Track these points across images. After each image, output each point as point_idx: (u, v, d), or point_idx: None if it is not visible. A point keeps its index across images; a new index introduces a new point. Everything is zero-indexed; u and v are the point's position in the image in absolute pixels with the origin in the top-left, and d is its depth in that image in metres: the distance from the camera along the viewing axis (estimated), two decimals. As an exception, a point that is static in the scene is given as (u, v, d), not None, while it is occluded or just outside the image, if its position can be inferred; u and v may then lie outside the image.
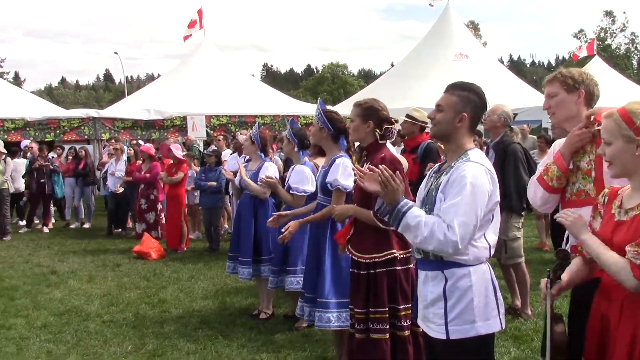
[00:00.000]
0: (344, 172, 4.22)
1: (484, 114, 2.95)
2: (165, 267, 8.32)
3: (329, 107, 4.78)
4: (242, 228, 5.97)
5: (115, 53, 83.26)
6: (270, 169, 5.86)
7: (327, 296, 4.39)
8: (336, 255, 4.39)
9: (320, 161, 5.21)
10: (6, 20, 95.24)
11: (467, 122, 2.72)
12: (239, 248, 5.99)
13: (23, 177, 12.05)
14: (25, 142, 13.85)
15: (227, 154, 10.81)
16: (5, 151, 11.56)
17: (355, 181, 3.60)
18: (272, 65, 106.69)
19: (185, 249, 9.57)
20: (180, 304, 6.50)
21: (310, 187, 5.09)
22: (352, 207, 3.86)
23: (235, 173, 6.56)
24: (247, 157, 6.71)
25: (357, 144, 4.50)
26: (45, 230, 11.84)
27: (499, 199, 2.69)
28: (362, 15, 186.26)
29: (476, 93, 2.75)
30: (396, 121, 4.15)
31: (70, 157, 12.83)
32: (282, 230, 4.54)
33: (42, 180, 11.84)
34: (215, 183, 9.37)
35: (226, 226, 10.64)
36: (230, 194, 9.29)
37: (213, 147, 11.04)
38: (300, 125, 6.44)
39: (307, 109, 18.86)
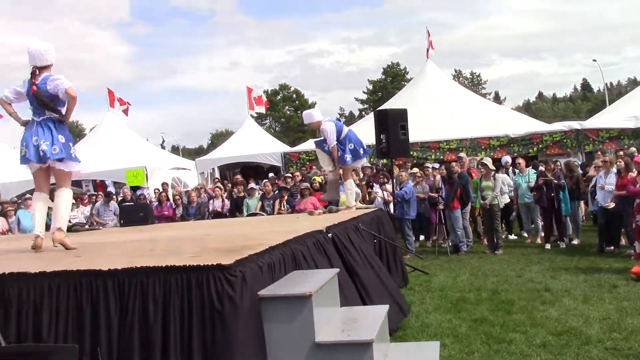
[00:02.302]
0: None
1: None
2: (672, 292, 7.34)
3: None
4: None
5: (594, 60, 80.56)
6: None
7: None
8: None
9: None
10: (485, 45, 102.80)
11: None
12: None
13: (532, 191, 12.21)
14: (506, 159, 14.34)
15: None
16: (493, 168, 12.17)
17: None
18: None
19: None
20: (698, 339, 5.56)
21: None
22: None
23: None
24: None
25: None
26: (562, 245, 11.77)
27: None
28: None
29: None
30: None
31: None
32: None
33: (552, 194, 11.83)
34: None
35: None
36: None
37: None
38: None
39: None
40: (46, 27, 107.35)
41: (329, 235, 5.71)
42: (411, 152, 15.18)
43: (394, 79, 61.68)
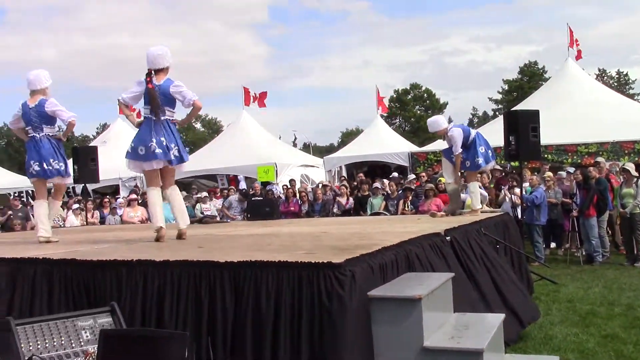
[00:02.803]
0: None
1: None
2: None
3: None
4: None
5: None
6: None
7: None
8: None
9: None
10: (634, 42, 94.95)
11: None
12: None
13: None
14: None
15: None
16: (636, 174, 11.30)
17: None
18: None
19: None
20: None
21: None
22: None
23: None
24: None
25: None
26: None
27: None
28: None
29: None
30: None
31: None
32: None
33: None
34: None
35: None
36: None
37: None
38: None
39: None
40: (192, 30, 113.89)
41: (448, 238, 5.58)
42: (546, 155, 14.47)
43: (531, 78, 59.02)
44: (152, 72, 6.01)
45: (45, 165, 6.72)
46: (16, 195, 18.27)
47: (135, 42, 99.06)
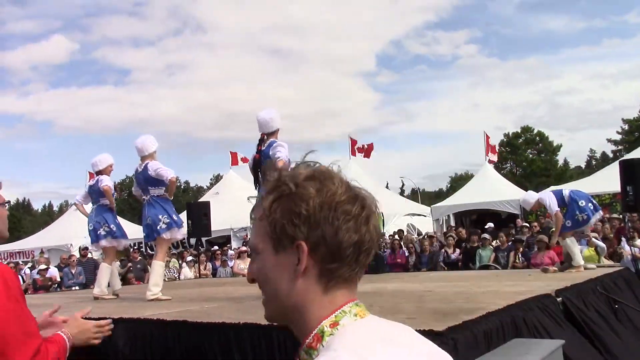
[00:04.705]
0: None
1: None
2: None
3: None
4: None
5: None
6: None
7: None
8: None
9: None
10: None
11: None
12: None
13: None
14: None
15: None
16: None
17: None
18: None
19: None
20: None
21: None
22: None
23: None
24: None
25: None
26: None
27: None
28: None
29: None
30: None
31: None
32: None
33: None
34: None
35: None
36: None
37: None
38: None
39: None
40: (301, 79, 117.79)
41: (559, 299, 5.34)
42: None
43: (654, 116, 55.70)
44: (265, 136, 6.18)
45: (149, 227, 6.98)
46: (135, 247, 19.18)
47: (249, 93, 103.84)
